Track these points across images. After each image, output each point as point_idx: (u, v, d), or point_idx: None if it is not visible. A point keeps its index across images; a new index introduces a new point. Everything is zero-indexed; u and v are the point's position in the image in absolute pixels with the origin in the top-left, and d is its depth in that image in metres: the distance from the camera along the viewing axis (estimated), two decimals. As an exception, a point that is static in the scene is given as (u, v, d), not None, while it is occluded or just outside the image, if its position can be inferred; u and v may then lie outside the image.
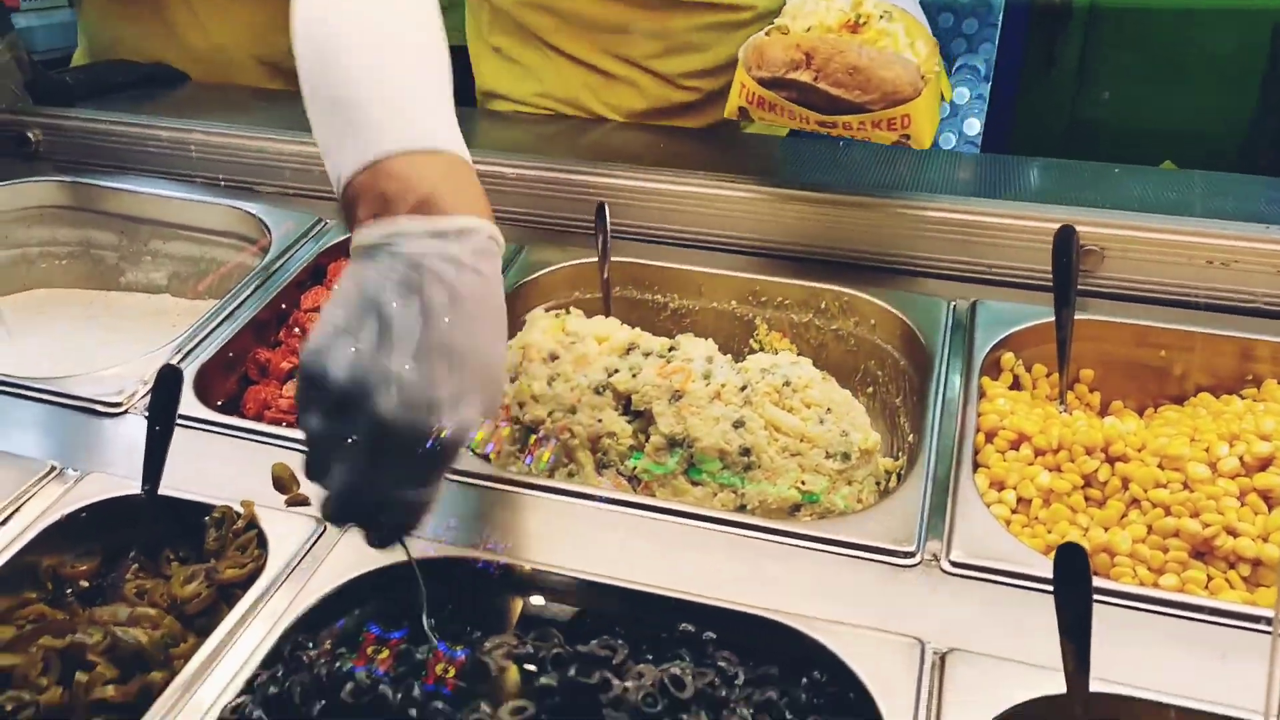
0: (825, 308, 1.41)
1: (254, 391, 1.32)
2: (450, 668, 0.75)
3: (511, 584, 1.00)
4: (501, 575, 1.00)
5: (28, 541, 1.03)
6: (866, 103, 1.25)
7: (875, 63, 1.23)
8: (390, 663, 0.76)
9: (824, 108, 1.28)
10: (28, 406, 1.23)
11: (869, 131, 1.29)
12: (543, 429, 1.18)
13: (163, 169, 1.68)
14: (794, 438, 1.14)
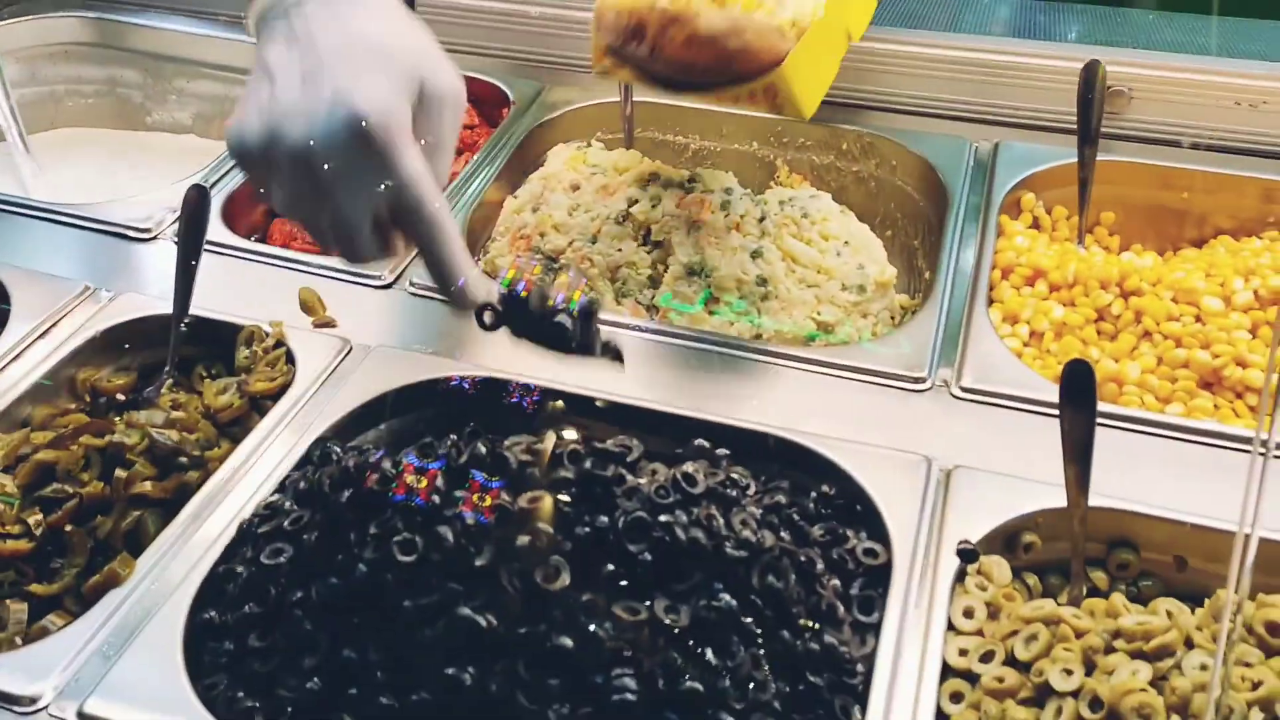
0: (846, 149, 1.40)
1: (280, 222, 1.34)
2: (471, 460, 0.78)
3: (532, 405, 1.03)
4: (523, 396, 1.03)
5: (65, 355, 1.07)
6: (715, 79, 1.05)
7: (720, 31, 1.00)
8: (415, 461, 0.79)
9: (673, 83, 1.08)
10: (62, 231, 1.26)
11: (734, 105, 1.10)
12: (563, 258, 1.20)
13: (187, 6, 1.67)
14: (811, 269, 1.16)
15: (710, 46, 1.00)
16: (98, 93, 1.68)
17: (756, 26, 1.00)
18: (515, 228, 1.24)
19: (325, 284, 1.18)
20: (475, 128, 1.48)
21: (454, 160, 1.39)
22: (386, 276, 1.18)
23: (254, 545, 0.83)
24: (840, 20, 1.10)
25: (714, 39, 1.00)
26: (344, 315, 1.14)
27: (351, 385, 1.04)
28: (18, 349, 1.06)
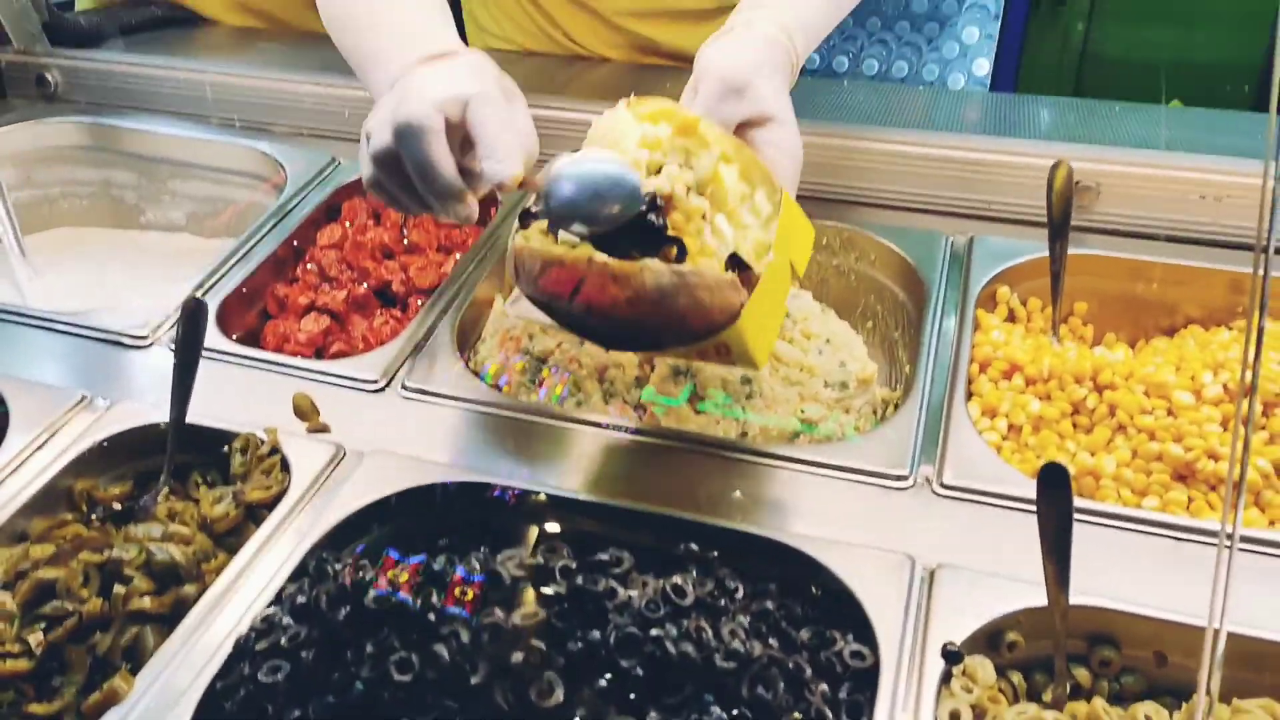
0: (826, 243, 1.44)
1: (273, 325, 1.37)
2: (466, 578, 0.80)
3: (523, 507, 1.05)
4: (514, 499, 1.05)
5: (62, 467, 1.08)
6: (660, 339, 0.96)
7: (667, 288, 0.87)
8: (410, 575, 0.81)
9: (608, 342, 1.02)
10: (58, 339, 1.28)
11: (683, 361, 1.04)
12: (552, 360, 1.23)
13: (179, 110, 1.71)
14: (794, 367, 1.19)
15: (657, 306, 0.88)
16: (93, 194, 1.72)
17: (708, 282, 0.89)
18: (504, 328, 1.27)
19: (318, 388, 1.20)
20: (463, 227, 1.52)
21: (443, 260, 1.44)
22: (379, 381, 1.20)
23: (251, 662, 0.84)
24: (785, 257, 1.00)
25: (662, 298, 0.87)
26: (337, 419, 1.16)
27: (345, 492, 1.05)
28: (16, 461, 1.08)
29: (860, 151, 1.49)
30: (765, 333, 0.98)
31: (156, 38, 1.88)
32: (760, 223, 0.98)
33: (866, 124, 1.51)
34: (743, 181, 0.97)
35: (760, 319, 0.95)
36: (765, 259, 0.95)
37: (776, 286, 0.98)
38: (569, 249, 0.90)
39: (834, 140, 1.49)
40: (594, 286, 0.88)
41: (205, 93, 1.70)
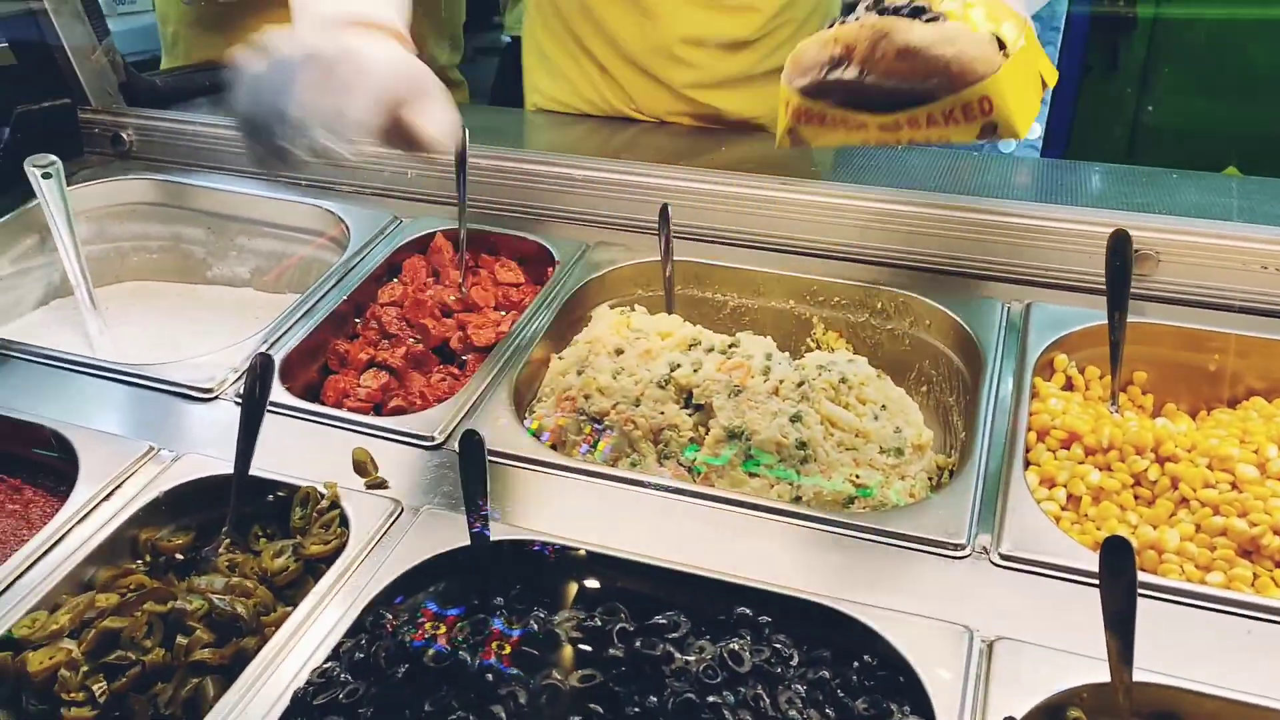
0: (881, 308, 1.45)
1: (333, 381, 1.39)
2: (524, 638, 0.80)
3: (576, 567, 1.06)
4: (567, 558, 1.05)
5: (128, 517, 1.11)
6: (929, 90, 1.02)
7: (932, 40, 0.98)
8: (467, 633, 0.82)
9: (882, 105, 1.06)
10: (126, 390, 1.31)
11: (944, 129, 1.05)
12: (607, 420, 1.24)
13: (248, 169, 1.76)
14: (849, 433, 1.19)
15: (923, 56, 0.99)
16: (162, 248, 1.76)
17: (970, 35, 0.99)
18: (561, 389, 1.28)
19: (376, 444, 1.22)
20: (521, 285, 1.54)
21: (500, 319, 1.46)
22: (437, 437, 1.22)
23: (308, 716, 0.85)
24: (1035, 60, 1.07)
25: (927, 47, 0.99)
26: (395, 475, 1.18)
27: (403, 548, 1.07)
28: (84, 510, 1.10)
29: (913, 216, 1.50)
30: (1024, 104, 1.03)
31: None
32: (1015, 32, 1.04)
33: (920, 188, 1.52)
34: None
35: (1019, 88, 1.01)
36: (1019, 43, 1.02)
37: (1028, 74, 1.04)
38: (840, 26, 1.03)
39: (885, 205, 1.50)
40: (867, 47, 1.00)
41: (273, 152, 1.74)
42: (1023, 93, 1.03)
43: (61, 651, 0.92)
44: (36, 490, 1.20)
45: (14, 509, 1.16)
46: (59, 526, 1.08)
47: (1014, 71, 1.01)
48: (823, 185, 1.53)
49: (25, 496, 1.18)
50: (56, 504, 1.18)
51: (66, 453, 1.18)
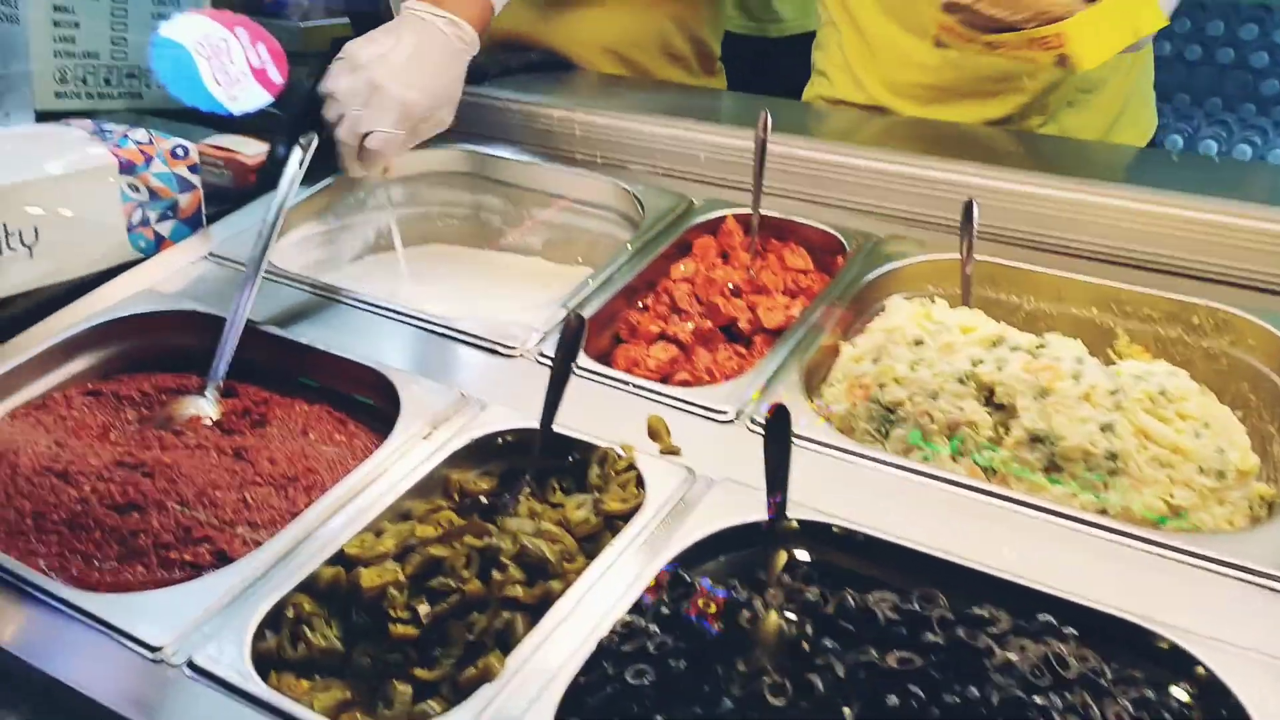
0: (1197, 324, 1.36)
1: (624, 349, 1.44)
2: (839, 611, 0.80)
3: (875, 553, 1.04)
4: (868, 544, 1.04)
5: (443, 458, 1.18)
6: (1018, 21, 1.34)
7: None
8: (780, 600, 0.83)
9: (987, 27, 1.39)
10: (438, 341, 1.39)
11: (1028, 51, 1.37)
12: (901, 411, 1.22)
13: (549, 145, 1.84)
14: (1166, 448, 1.12)
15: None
16: (465, 216, 1.87)
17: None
18: (854, 376, 1.27)
19: (669, 412, 1.25)
20: (809, 272, 1.54)
21: (788, 303, 1.47)
22: (730, 412, 1.23)
23: (616, 663, 0.88)
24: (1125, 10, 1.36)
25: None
26: (687, 444, 1.20)
27: (697, 515, 1.09)
28: (404, 448, 1.18)
29: (1233, 228, 1.40)
30: (1098, 42, 1.35)
31: (533, 77, 2.03)
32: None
33: (1240, 197, 1.42)
34: None
35: (1093, 28, 1.32)
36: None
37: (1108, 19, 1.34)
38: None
39: (1208, 215, 1.41)
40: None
41: (574, 130, 1.82)
42: (1097, 32, 1.33)
43: (389, 572, 0.99)
44: (358, 424, 1.29)
45: (340, 439, 1.26)
46: (382, 460, 1.16)
47: (1090, 18, 1.31)
48: (1138, 191, 1.46)
49: (349, 429, 1.28)
50: (375, 438, 1.28)
51: (388, 392, 1.27)
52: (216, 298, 1.45)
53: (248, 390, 1.33)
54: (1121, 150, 1.81)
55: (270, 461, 1.18)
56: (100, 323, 1.38)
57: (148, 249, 1.53)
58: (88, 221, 1.43)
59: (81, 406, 1.28)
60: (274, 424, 1.27)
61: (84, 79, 2.21)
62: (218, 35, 1.82)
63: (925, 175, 1.57)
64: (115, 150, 1.48)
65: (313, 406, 1.30)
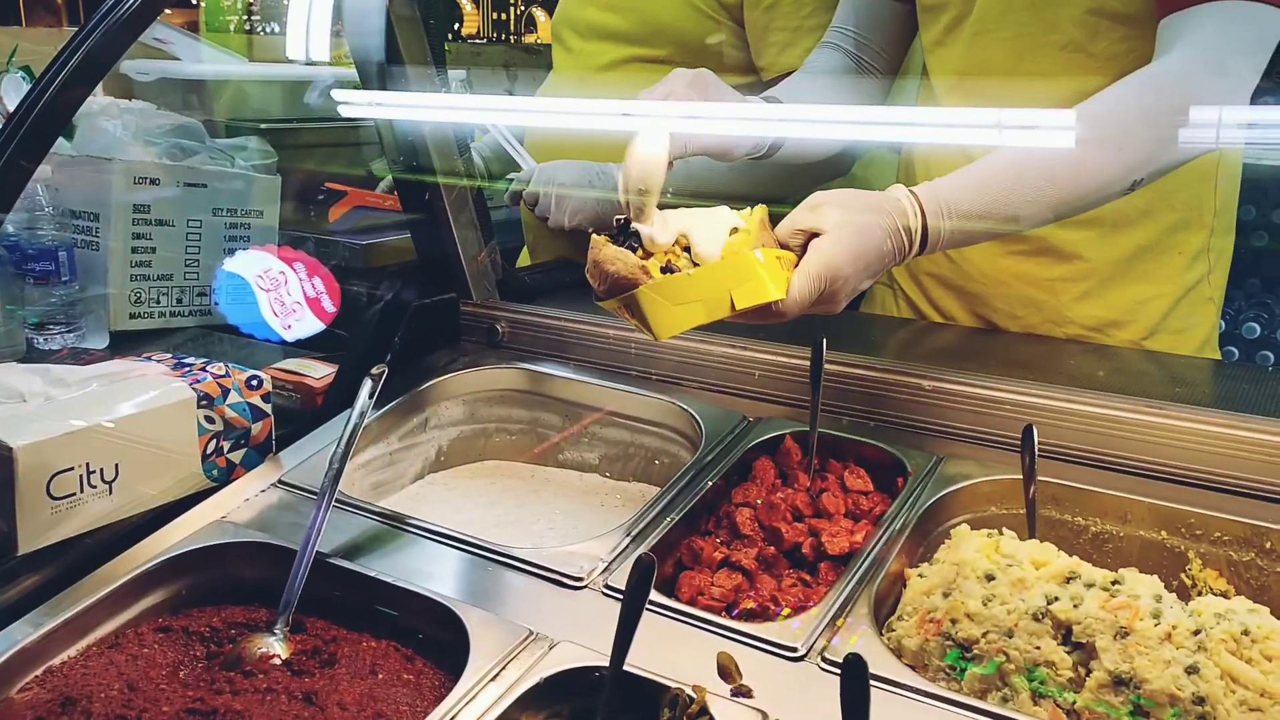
0: (1271, 548, 1.34)
1: (688, 577, 1.43)
2: None
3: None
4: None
5: (513, 700, 1.17)
6: (602, 292, 1.38)
7: (605, 259, 1.34)
8: None
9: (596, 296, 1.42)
10: (505, 573, 1.40)
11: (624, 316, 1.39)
12: (976, 649, 1.20)
13: (604, 362, 1.89)
14: (1254, 691, 1.09)
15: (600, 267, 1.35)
16: (521, 431, 1.91)
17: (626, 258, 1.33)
18: (925, 609, 1.26)
19: (736, 648, 1.24)
20: (870, 494, 1.54)
21: (851, 526, 1.47)
22: (800, 649, 1.22)
23: None
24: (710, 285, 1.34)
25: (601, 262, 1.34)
26: (757, 683, 1.18)
27: (774, 765, 1.06)
28: (474, 691, 1.17)
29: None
30: (666, 317, 1.34)
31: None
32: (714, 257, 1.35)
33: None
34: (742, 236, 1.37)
35: (666, 304, 1.34)
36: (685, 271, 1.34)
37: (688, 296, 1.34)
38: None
39: (1268, 436, 1.41)
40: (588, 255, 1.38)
41: (630, 349, 1.86)
42: (666, 306, 1.34)
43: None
44: (425, 662, 1.29)
45: (409, 679, 1.25)
46: (453, 705, 1.15)
47: (660, 289, 1.33)
48: (1201, 412, 1.46)
49: (417, 667, 1.28)
50: (441, 676, 1.27)
51: (455, 627, 1.27)
52: (286, 527, 1.47)
53: (315, 625, 1.33)
54: (1183, 363, 1.83)
55: (340, 707, 1.17)
56: (172, 556, 1.40)
57: (220, 477, 1.57)
58: (166, 455, 1.47)
59: (154, 644, 1.29)
60: (343, 663, 1.26)
61: (157, 299, 2.33)
62: (277, 269, 1.93)
63: (985, 394, 1.59)
64: (194, 384, 1.53)
65: (380, 643, 1.30)
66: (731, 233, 1.36)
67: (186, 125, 2.47)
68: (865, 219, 1.40)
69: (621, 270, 1.33)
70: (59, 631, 1.28)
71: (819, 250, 1.36)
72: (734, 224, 1.37)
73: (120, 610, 1.33)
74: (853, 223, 1.39)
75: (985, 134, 1.22)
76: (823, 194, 1.43)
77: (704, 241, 1.34)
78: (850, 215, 1.39)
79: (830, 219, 1.38)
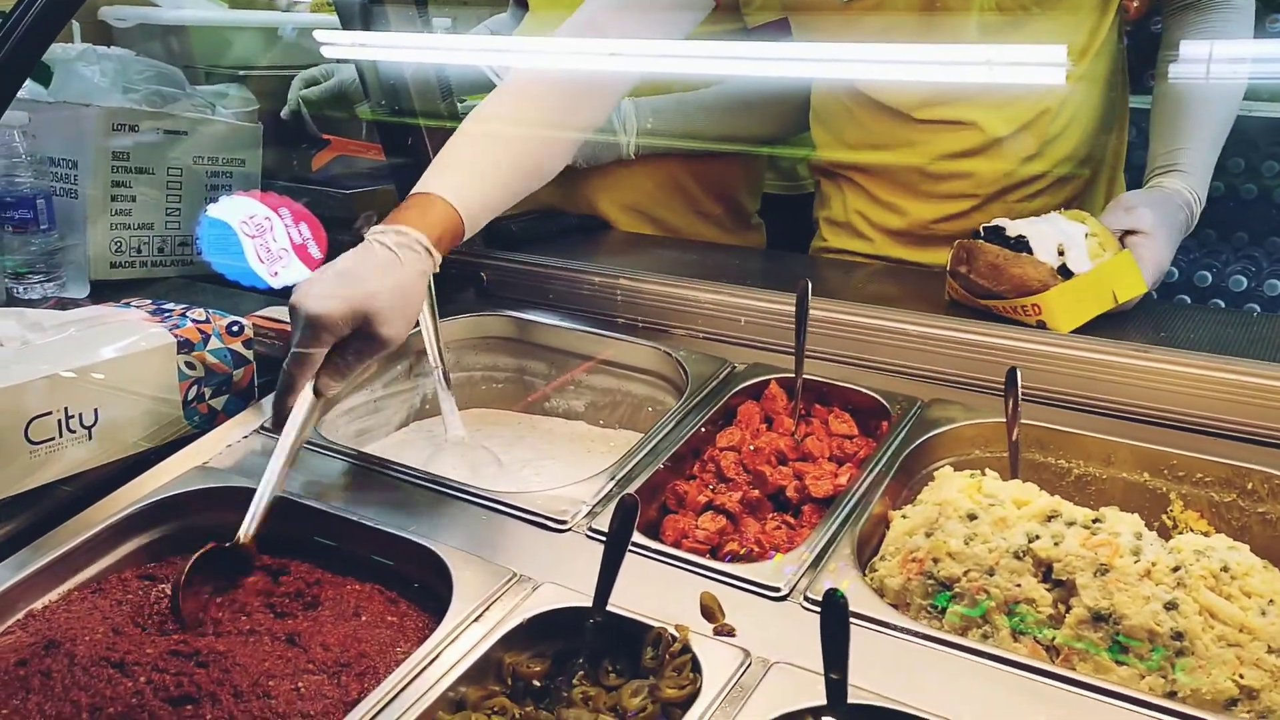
0: (1252, 489, 1.35)
1: (672, 520, 1.43)
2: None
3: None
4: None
5: (495, 640, 1.17)
6: (1002, 291, 1.59)
7: (1007, 262, 1.58)
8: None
9: (977, 294, 1.64)
10: (490, 516, 1.39)
11: (1014, 316, 1.61)
12: (957, 587, 1.20)
13: (590, 309, 1.88)
14: (1233, 627, 1.10)
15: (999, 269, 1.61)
16: (508, 379, 1.90)
17: (1034, 262, 1.59)
18: (907, 549, 1.26)
19: (720, 588, 1.24)
20: (854, 438, 1.54)
21: (835, 470, 1.47)
22: (783, 589, 1.22)
23: None
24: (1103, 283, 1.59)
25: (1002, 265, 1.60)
26: (740, 622, 1.19)
27: (756, 702, 1.07)
28: (456, 632, 1.17)
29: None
30: (1071, 311, 1.57)
31: (571, 242, 2.09)
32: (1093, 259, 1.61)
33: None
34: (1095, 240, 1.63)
35: (1069, 303, 1.56)
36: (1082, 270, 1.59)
37: (1089, 294, 1.58)
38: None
39: (1260, 380, 1.41)
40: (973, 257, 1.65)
41: (615, 296, 1.86)
42: (1073, 305, 1.57)
43: (445, 769, 0.98)
44: (410, 604, 1.29)
45: (392, 620, 1.25)
46: (436, 645, 1.15)
47: (1066, 291, 1.56)
48: (1184, 355, 1.46)
49: (401, 609, 1.28)
50: (425, 618, 1.27)
51: (439, 570, 1.27)
52: (268, 473, 1.46)
53: (299, 568, 1.33)
54: (1168, 308, 1.83)
55: (323, 647, 1.17)
56: (152, 502, 1.40)
57: (201, 424, 1.56)
58: (146, 400, 1.46)
59: (137, 589, 1.29)
60: (326, 605, 1.26)
61: (138, 249, 2.30)
62: (262, 214, 1.90)
63: (969, 339, 1.58)
64: (174, 329, 1.52)
65: (363, 586, 1.30)
66: (1085, 237, 1.60)
67: (166, 72, 2.43)
68: (1176, 219, 1.70)
69: (1032, 274, 1.57)
70: (40, 576, 1.28)
71: (1149, 248, 1.64)
72: (1084, 229, 1.62)
73: (102, 555, 1.33)
74: (1167, 224, 1.67)
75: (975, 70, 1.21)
76: (1134, 195, 1.73)
77: (1076, 249, 1.59)
78: (1161, 215, 1.67)
79: (1146, 220, 1.65)
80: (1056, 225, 1.62)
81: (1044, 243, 1.59)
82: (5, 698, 1.10)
